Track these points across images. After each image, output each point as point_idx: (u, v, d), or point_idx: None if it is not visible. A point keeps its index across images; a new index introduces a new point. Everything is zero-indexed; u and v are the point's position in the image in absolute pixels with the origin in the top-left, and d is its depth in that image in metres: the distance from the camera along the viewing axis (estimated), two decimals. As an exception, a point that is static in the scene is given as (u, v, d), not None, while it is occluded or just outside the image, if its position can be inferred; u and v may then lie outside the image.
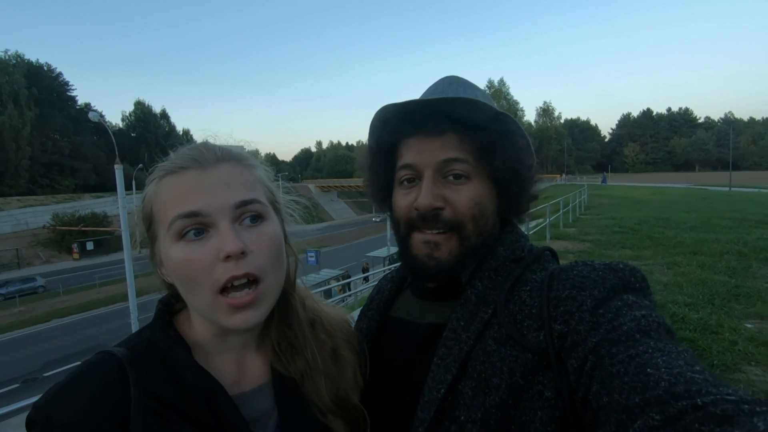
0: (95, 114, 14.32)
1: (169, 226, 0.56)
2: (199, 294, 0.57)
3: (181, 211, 0.55)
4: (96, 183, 50.61)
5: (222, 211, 0.56)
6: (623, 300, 0.55)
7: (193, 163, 0.58)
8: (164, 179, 0.59)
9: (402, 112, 0.71)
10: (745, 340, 3.60)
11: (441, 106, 0.68)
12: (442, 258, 0.69)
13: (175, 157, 0.60)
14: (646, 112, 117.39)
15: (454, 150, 0.68)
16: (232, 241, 0.54)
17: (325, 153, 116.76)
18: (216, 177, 0.58)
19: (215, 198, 0.56)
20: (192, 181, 0.57)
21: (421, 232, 0.70)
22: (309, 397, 0.66)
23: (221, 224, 0.56)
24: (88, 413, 0.51)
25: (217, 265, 0.55)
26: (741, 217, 11.90)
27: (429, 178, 0.69)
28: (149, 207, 0.60)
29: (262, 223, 0.60)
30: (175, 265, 0.56)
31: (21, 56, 47.64)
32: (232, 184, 0.58)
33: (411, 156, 0.71)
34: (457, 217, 0.68)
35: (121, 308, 18.05)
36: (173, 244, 0.56)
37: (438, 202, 0.68)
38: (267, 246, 0.59)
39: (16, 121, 42.60)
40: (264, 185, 0.64)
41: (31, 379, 13.16)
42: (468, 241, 0.69)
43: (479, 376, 0.60)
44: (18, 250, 32.02)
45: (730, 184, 33.37)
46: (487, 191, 0.71)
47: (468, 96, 0.70)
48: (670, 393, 0.40)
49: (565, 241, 9.20)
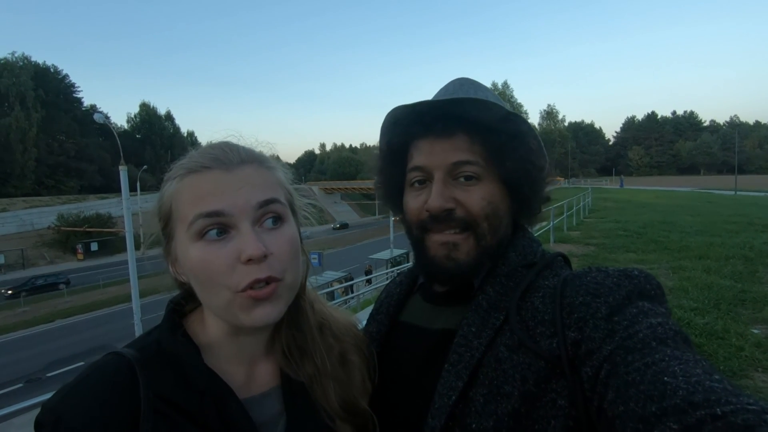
0: (100, 116, 14.39)
1: (189, 225, 0.56)
2: (217, 294, 0.56)
3: (203, 210, 0.55)
4: (101, 184, 50.90)
5: (244, 212, 0.56)
6: (638, 307, 0.54)
7: (217, 164, 0.58)
8: (186, 178, 0.59)
9: (412, 113, 0.71)
10: (751, 346, 3.56)
11: (450, 108, 0.68)
12: (461, 259, 0.68)
13: (198, 155, 0.60)
14: (651, 115, 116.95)
15: (464, 152, 0.68)
16: (254, 244, 0.54)
17: (328, 155, 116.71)
18: (239, 178, 0.58)
19: (237, 199, 0.56)
20: (215, 181, 0.57)
21: (438, 233, 0.69)
22: (318, 401, 0.65)
23: (242, 226, 0.56)
24: (98, 415, 0.51)
25: (237, 267, 0.55)
26: (747, 221, 11.82)
27: (440, 179, 0.68)
28: (168, 204, 0.60)
29: (282, 225, 0.60)
30: (193, 264, 0.56)
31: (28, 58, 48.07)
32: (255, 185, 0.58)
33: (421, 158, 0.70)
34: (471, 216, 0.68)
35: (125, 309, 18.12)
36: (192, 243, 0.56)
37: (449, 204, 0.67)
38: (287, 248, 0.59)
39: (22, 123, 42.97)
40: (284, 187, 0.64)
41: (34, 379, 13.20)
42: (484, 240, 0.68)
43: (491, 384, 0.59)
44: (23, 251, 32.21)
45: (735, 187, 33.23)
46: (499, 192, 0.70)
47: (479, 97, 0.69)
48: (688, 402, 0.39)
49: (569, 244, 9.15)
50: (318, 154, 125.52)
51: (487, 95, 0.73)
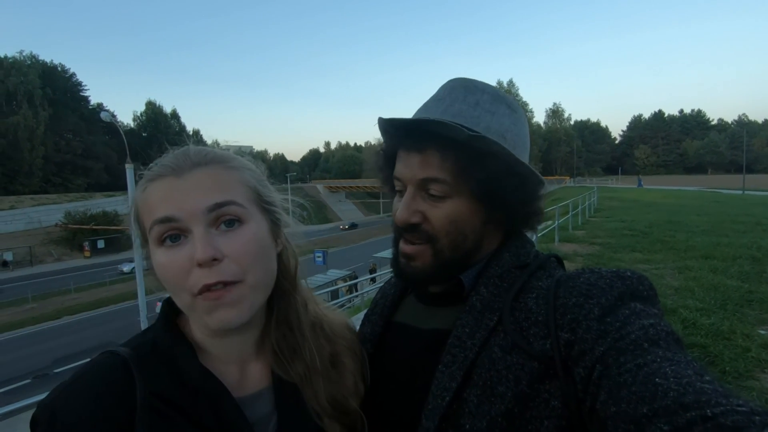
0: (107, 114, 14.56)
1: (149, 232, 0.58)
2: (180, 297, 0.58)
3: (156, 216, 0.57)
4: (107, 182, 51.42)
5: (194, 216, 0.56)
6: (631, 308, 0.54)
7: (168, 171, 0.59)
8: (146, 186, 0.60)
9: (390, 126, 0.72)
10: (758, 347, 3.53)
11: (418, 125, 0.67)
12: (418, 266, 0.71)
13: (155, 164, 0.62)
14: (658, 113, 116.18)
15: (434, 168, 0.67)
16: (202, 248, 0.55)
17: (333, 153, 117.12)
18: (189, 183, 0.58)
19: (186, 203, 0.57)
20: (167, 188, 0.58)
21: (404, 242, 0.72)
22: (308, 401, 0.66)
23: (195, 230, 0.56)
24: (93, 413, 0.52)
25: (193, 270, 0.56)
26: (755, 221, 11.71)
27: (410, 193, 0.69)
28: (136, 212, 0.62)
29: (240, 227, 0.59)
30: (157, 269, 0.58)
31: (35, 57, 48.71)
32: (206, 189, 0.59)
33: (399, 168, 0.72)
34: (433, 233, 0.69)
35: (131, 306, 18.27)
36: (156, 249, 0.58)
37: (414, 218, 0.69)
38: (243, 250, 0.58)
39: (30, 121, 43.46)
40: (246, 186, 0.63)
41: (42, 375, 13.37)
42: (442, 255, 0.69)
43: (484, 384, 0.59)
44: (31, 248, 32.58)
45: (743, 187, 32.90)
46: (467, 208, 0.69)
47: (467, 102, 0.69)
48: (678, 403, 0.40)
49: (575, 244, 9.11)
50: (323, 153, 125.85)
51: (478, 100, 0.71)
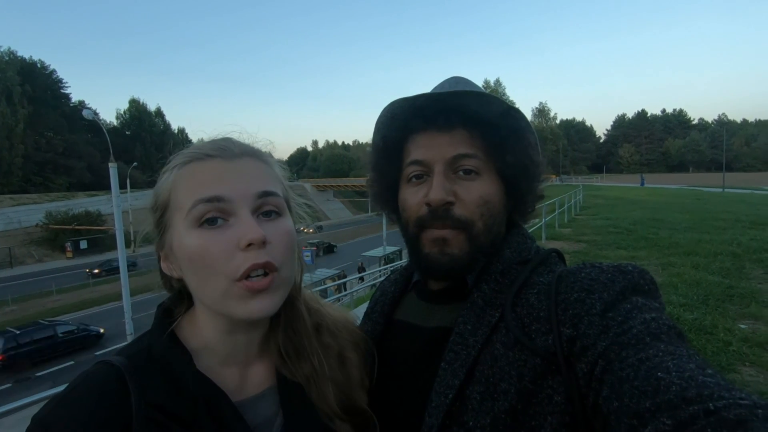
0: (89, 112, 14.20)
1: (188, 212, 0.56)
2: (213, 283, 0.56)
3: (203, 195, 0.55)
4: (90, 181, 50.19)
5: (244, 199, 0.57)
6: (632, 303, 0.55)
7: (219, 152, 0.59)
8: (188, 165, 0.59)
9: (411, 107, 0.71)
10: (739, 341, 3.63)
11: (451, 101, 0.68)
12: (454, 253, 0.68)
13: (199, 146, 0.61)
14: (641, 113, 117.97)
15: (464, 146, 0.68)
16: (254, 228, 0.55)
17: (321, 152, 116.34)
18: (240, 167, 0.59)
19: (239, 186, 0.57)
20: (217, 169, 0.58)
21: (431, 229, 0.69)
22: (315, 402, 0.65)
23: (242, 212, 0.56)
24: (88, 426, 0.50)
25: (236, 253, 0.55)
26: (734, 218, 11.99)
27: (440, 172, 0.68)
28: (166, 193, 0.60)
29: (278, 218, 0.60)
30: (191, 252, 0.55)
31: (14, 53, 47.19)
32: (255, 176, 0.59)
33: (420, 152, 0.70)
34: (467, 215, 0.68)
35: (115, 307, 17.94)
36: (190, 231, 0.56)
37: (450, 197, 0.67)
38: (284, 239, 0.59)
39: (9, 119, 42.21)
40: (282, 183, 0.64)
41: (23, 379, 13.04)
42: (477, 240, 0.68)
43: (487, 381, 0.59)
44: (10, 249, 31.69)
45: (723, 185, 33.63)
46: (496, 189, 0.70)
47: (476, 89, 0.70)
48: (681, 397, 0.40)
49: (561, 241, 9.23)
50: (310, 152, 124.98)
51: (484, 90, 0.73)
